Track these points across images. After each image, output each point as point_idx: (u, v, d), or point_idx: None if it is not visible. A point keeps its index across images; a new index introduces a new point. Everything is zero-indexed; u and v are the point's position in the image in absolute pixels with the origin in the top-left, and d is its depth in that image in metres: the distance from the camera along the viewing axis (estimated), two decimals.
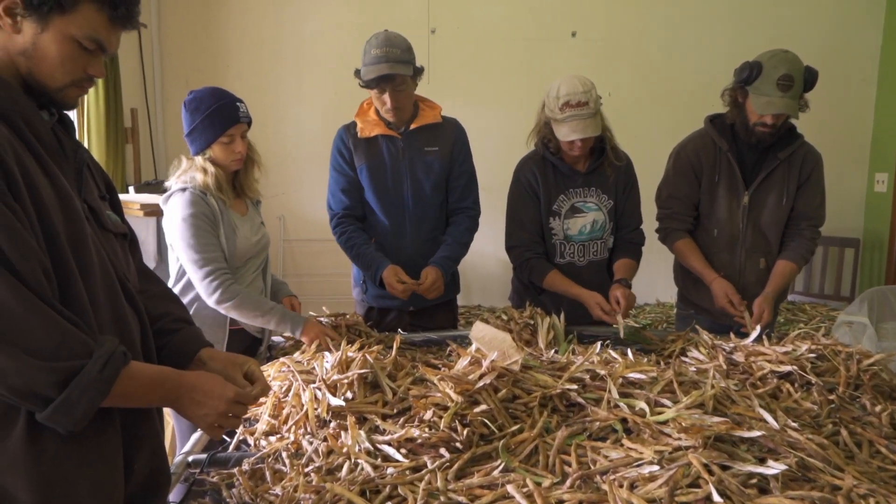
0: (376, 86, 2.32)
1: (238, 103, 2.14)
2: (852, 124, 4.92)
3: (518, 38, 4.81)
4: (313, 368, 1.72)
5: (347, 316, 2.29)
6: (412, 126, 2.44)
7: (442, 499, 1.19)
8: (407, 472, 1.29)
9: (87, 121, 3.61)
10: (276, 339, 2.34)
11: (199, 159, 2.17)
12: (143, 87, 4.56)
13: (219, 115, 2.10)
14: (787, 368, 1.74)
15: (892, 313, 2.38)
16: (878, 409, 1.60)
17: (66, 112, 1.19)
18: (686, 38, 4.81)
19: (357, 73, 2.38)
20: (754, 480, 1.19)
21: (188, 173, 2.17)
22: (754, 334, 2.03)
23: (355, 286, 2.59)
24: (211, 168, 2.16)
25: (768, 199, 2.47)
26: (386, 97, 2.32)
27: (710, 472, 1.17)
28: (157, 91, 4.74)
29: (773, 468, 1.19)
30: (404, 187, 2.44)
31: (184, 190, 2.14)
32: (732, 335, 2.08)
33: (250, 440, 1.56)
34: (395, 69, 2.27)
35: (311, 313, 2.26)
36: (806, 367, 1.74)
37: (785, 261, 2.46)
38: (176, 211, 2.11)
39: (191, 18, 4.67)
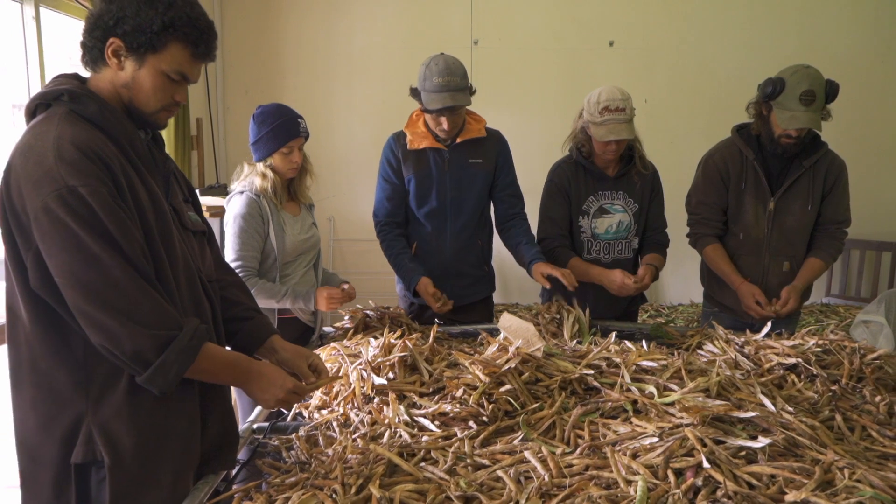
0: (438, 114, 2.45)
1: (299, 119, 2.36)
2: (891, 129, 4.89)
3: (557, 47, 4.93)
4: (360, 352, 1.91)
5: (391, 309, 2.48)
6: (458, 139, 2.56)
7: (468, 461, 1.36)
8: (439, 440, 1.47)
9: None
10: (326, 328, 2.55)
11: (259, 166, 2.41)
12: (206, 98, 4.84)
13: (282, 129, 2.32)
14: (793, 361, 1.85)
15: None
16: (877, 399, 1.70)
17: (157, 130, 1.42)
18: (720, 48, 4.87)
19: (414, 92, 2.50)
20: (743, 453, 1.32)
21: (249, 178, 2.41)
22: (766, 329, 2.13)
23: (398, 283, 2.77)
24: (270, 174, 2.39)
25: (794, 206, 2.56)
26: (443, 120, 2.46)
27: (704, 445, 1.31)
28: (220, 102, 5.02)
29: (761, 442, 1.32)
30: (448, 197, 2.58)
31: (242, 192, 2.38)
32: (748, 331, 2.19)
33: (305, 413, 1.76)
34: (456, 100, 2.39)
35: (359, 306, 2.46)
36: (811, 360, 1.85)
37: (814, 258, 2.55)
38: (232, 209, 2.37)
39: (250, 35, 4.93)
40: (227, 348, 1.50)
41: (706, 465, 1.24)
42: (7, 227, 1.22)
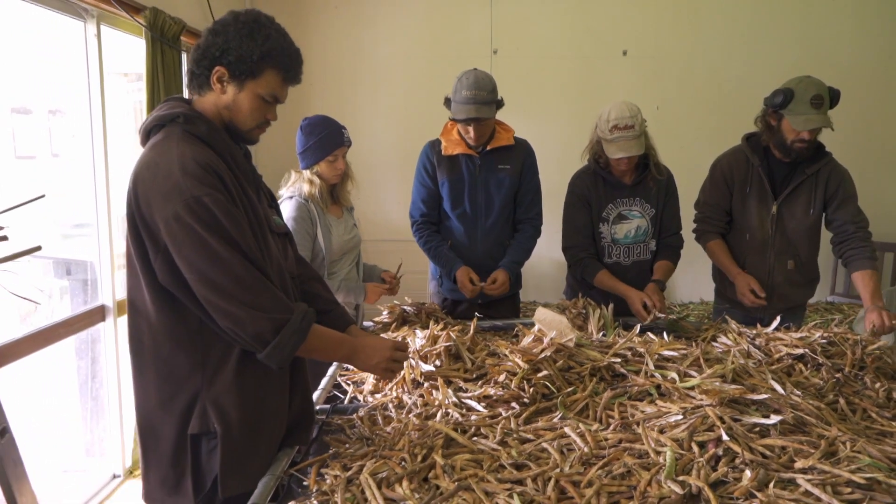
0: (464, 123, 2.63)
1: (343, 130, 2.53)
2: (891, 132, 5.03)
3: (573, 56, 5.08)
4: (408, 343, 2.09)
5: (426, 304, 2.65)
6: (489, 147, 2.74)
7: (514, 436, 1.54)
8: (486, 419, 1.64)
9: None
10: (366, 323, 2.72)
11: (306, 173, 2.59)
12: None
13: (328, 139, 2.50)
14: (801, 351, 2.01)
15: None
16: (877, 385, 1.86)
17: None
18: (727, 57, 5.01)
19: (447, 102, 2.68)
20: (757, 429, 1.49)
21: (297, 184, 2.59)
22: (776, 323, 2.29)
23: (432, 280, 2.95)
24: (316, 180, 2.57)
25: (796, 210, 2.71)
26: (471, 129, 2.63)
27: (723, 421, 1.48)
28: None
29: (773, 419, 1.49)
30: (479, 200, 2.77)
31: (291, 197, 2.56)
32: (759, 325, 2.35)
33: (359, 397, 1.94)
34: (481, 112, 2.57)
35: (396, 302, 2.63)
36: (817, 351, 2.01)
37: (861, 270, 2.59)
38: (283, 213, 2.53)
39: None
40: None
41: (725, 438, 1.41)
42: (136, 232, 1.39)
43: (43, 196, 1.72)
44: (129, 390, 3.27)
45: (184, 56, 3.56)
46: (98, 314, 3.09)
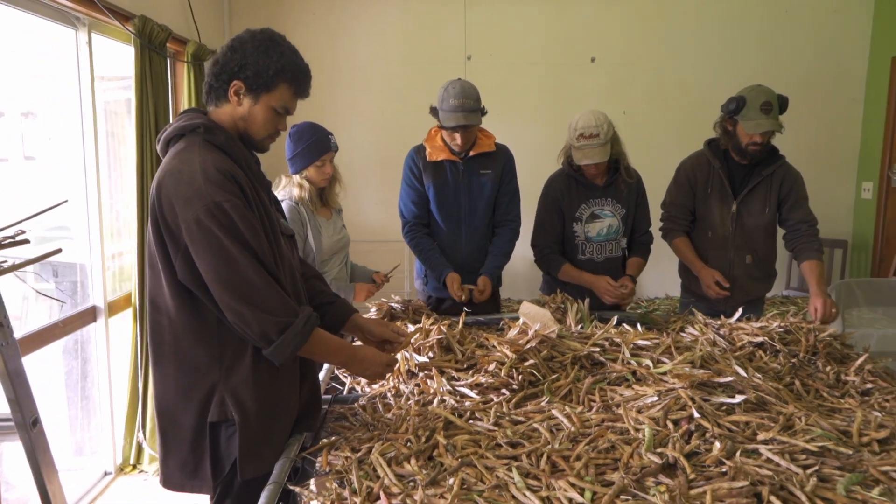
0: (453, 130, 2.75)
1: (329, 136, 2.64)
2: (843, 139, 5.30)
3: (544, 63, 5.22)
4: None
5: (412, 301, 2.77)
6: (471, 153, 2.87)
7: (507, 418, 1.67)
8: (480, 404, 1.77)
9: None
10: None
11: (296, 177, 2.68)
12: None
13: (316, 145, 2.60)
14: (760, 339, 2.19)
15: (855, 301, 2.78)
16: (827, 368, 2.04)
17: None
18: (692, 65, 5.21)
19: (433, 111, 2.79)
20: (724, 408, 1.65)
21: (287, 188, 2.69)
22: (737, 314, 2.47)
23: (417, 278, 3.07)
24: (306, 184, 2.67)
25: (753, 208, 2.91)
26: (457, 136, 2.76)
27: (693, 401, 1.63)
28: None
29: (738, 399, 1.65)
30: (462, 203, 2.89)
31: (282, 201, 2.65)
32: (722, 316, 2.53)
33: (357, 388, 2.05)
34: (469, 120, 2.69)
35: (383, 299, 2.75)
36: (775, 338, 2.18)
37: (809, 261, 2.82)
38: None
39: None
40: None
41: (696, 415, 1.56)
42: (159, 233, 1.48)
43: (66, 201, 1.79)
44: (119, 390, 3.33)
45: (168, 62, 3.62)
46: (90, 315, 3.14)
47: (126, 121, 3.52)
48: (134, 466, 3.39)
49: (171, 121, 3.59)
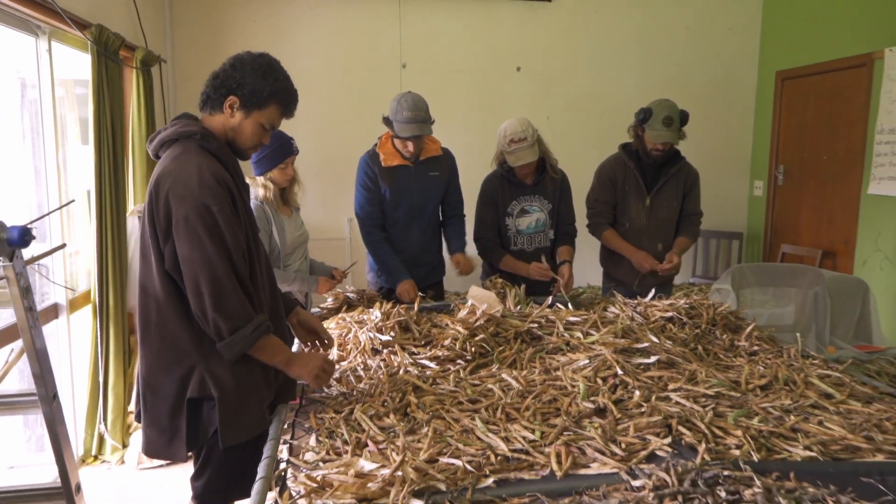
0: (408, 140, 2.96)
1: (291, 140, 2.83)
2: (737, 143, 5.86)
3: (473, 71, 5.47)
4: (363, 319, 2.43)
5: (366, 291, 2.99)
6: (421, 157, 3.11)
7: (464, 382, 1.93)
8: (440, 372, 2.02)
9: (133, 152, 3.87)
10: (313, 310, 3.02)
11: (260, 179, 2.85)
12: (164, 118, 5.05)
13: (279, 150, 2.78)
14: (670, 314, 2.54)
15: (747, 283, 3.19)
16: (724, 336, 2.41)
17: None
18: (608, 76, 5.61)
19: (386, 121, 2.99)
20: (642, 367, 1.97)
21: (253, 189, 2.85)
22: (651, 295, 2.82)
23: (370, 271, 3.27)
24: (269, 185, 2.85)
25: (664, 202, 3.30)
26: (410, 144, 2.98)
27: (617, 363, 1.94)
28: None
29: (652, 359, 1.98)
30: (415, 203, 3.12)
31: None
32: (638, 297, 2.88)
33: None
34: (423, 130, 2.94)
35: (339, 289, 2.96)
36: (682, 313, 2.54)
37: (682, 237, 3.34)
38: None
39: (199, 60, 5.11)
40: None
41: (620, 372, 1.88)
42: (152, 225, 1.64)
43: (73, 201, 1.91)
44: (81, 386, 3.39)
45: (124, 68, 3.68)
46: (52, 312, 3.18)
47: (70, 122, 3.57)
48: (96, 457, 3.45)
49: (125, 124, 3.68)
